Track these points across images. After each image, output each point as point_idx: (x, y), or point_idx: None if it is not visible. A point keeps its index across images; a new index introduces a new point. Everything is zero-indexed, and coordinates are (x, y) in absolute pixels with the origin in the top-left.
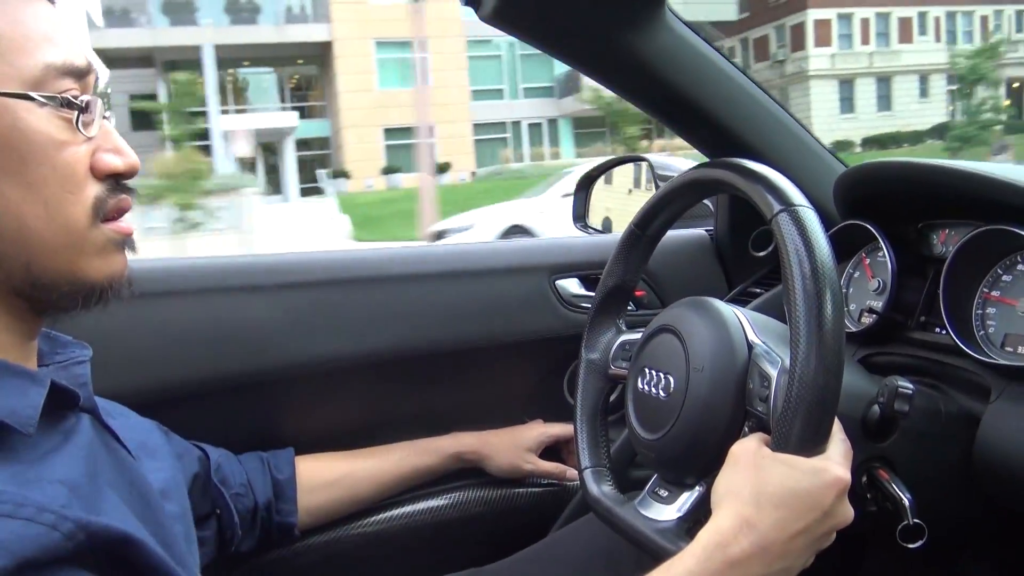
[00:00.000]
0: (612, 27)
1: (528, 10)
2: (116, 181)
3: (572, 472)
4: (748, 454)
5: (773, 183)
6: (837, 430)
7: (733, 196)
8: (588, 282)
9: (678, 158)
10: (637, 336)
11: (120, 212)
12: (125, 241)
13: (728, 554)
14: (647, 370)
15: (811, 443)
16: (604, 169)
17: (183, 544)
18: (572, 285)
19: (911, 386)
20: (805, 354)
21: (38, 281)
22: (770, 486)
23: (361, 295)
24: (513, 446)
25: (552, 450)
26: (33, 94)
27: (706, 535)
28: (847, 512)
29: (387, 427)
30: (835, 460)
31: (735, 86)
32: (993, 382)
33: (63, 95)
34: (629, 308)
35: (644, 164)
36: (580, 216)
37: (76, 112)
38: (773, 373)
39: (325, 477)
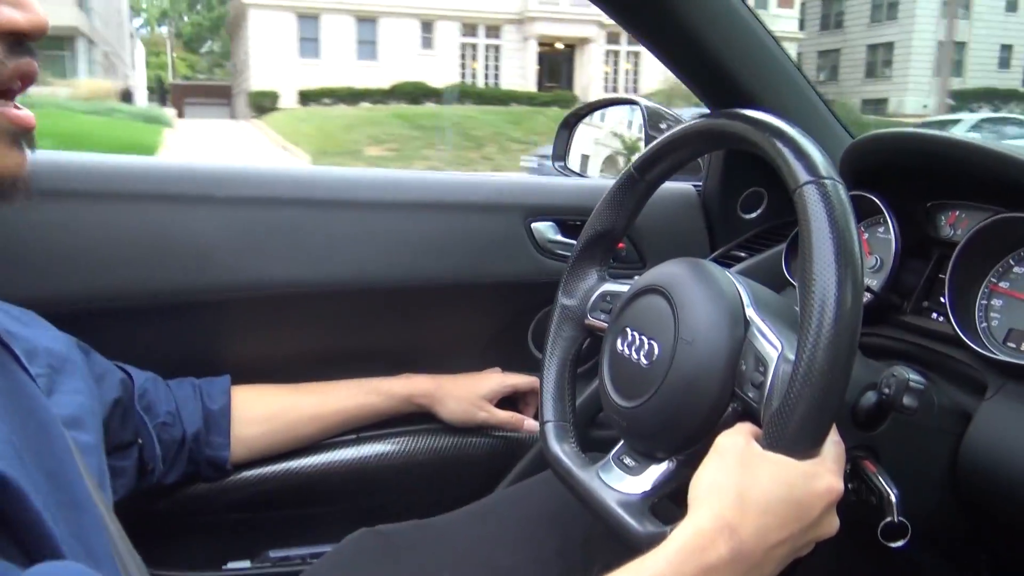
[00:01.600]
0: None
1: None
2: (16, 42)
3: (531, 423)
4: (737, 449)
5: (804, 149)
6: (834, 431)
7: (729, 152)
8: (566, 227)
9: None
10: (620, 288)
11: (24, 79)
12: (22, 135)
13: (704, 559)
14: (629, 331)
15: (807, 445)
16: (591, 109)
17: (92, 478)
18: (548, 229)
19: (923, 381)
20: (814, 347)
21: None
22: (757, 489)
23: (322, 218)
24: (469, 393)
25: (509, 401)
26: None
27: (683, 536)
28: (833, 524)
29: (336, 363)
30: (829, 466)
31: (750, 33)
32: (990, 378)
33: None
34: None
35: (636, 107)
36: (560, 156)
37: None
38: (771, 358)
39: (262, 410)
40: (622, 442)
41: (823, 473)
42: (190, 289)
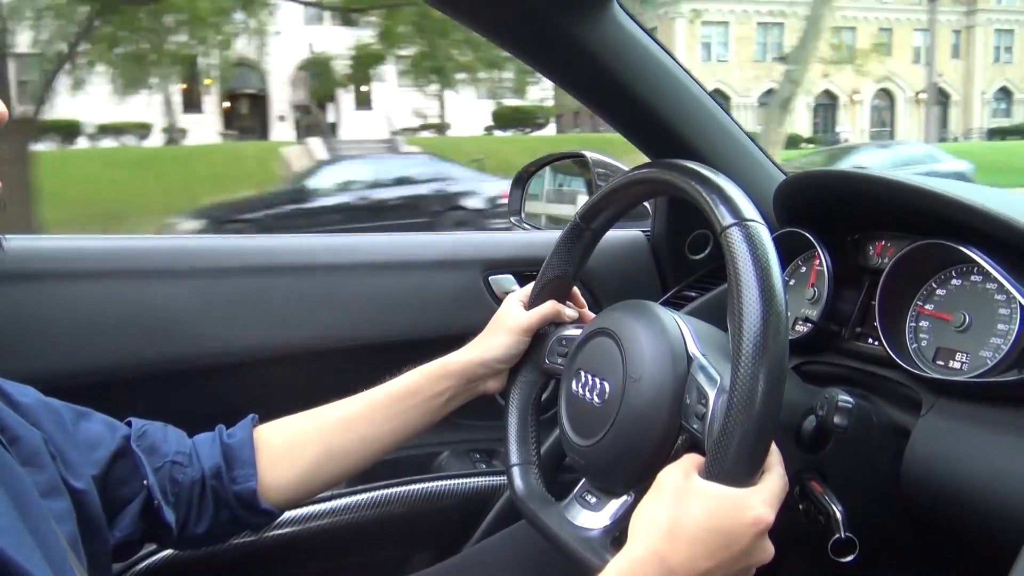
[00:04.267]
0: (558, 16)
1: None
2: None
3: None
4: (672, 483)
5: (727, 193)
6: (776, 462)
7: (673, 198)
8: (523, 279)
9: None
10: (574, 333)
11: None
12: None
13: None
14: (583, 373)
15: (744, 472)
16: (542, 164)
17: (67, 544)
18: (506, 282)
19: (851, 400)
20: (745, 379)
21: None
22: (687, 519)
23: (285, 284)
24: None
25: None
26: None
27: (617, 565)
28: (766, 551)
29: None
30: (761, 496)
31: (680, 86)
32: (924, 396)
33: None
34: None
35: (581, 159)
36: (515, 211)
37: None
38: (711, 391)
39: (288, 436)
40: (584, 480)
41: (754, 504)
42: (162, 359)
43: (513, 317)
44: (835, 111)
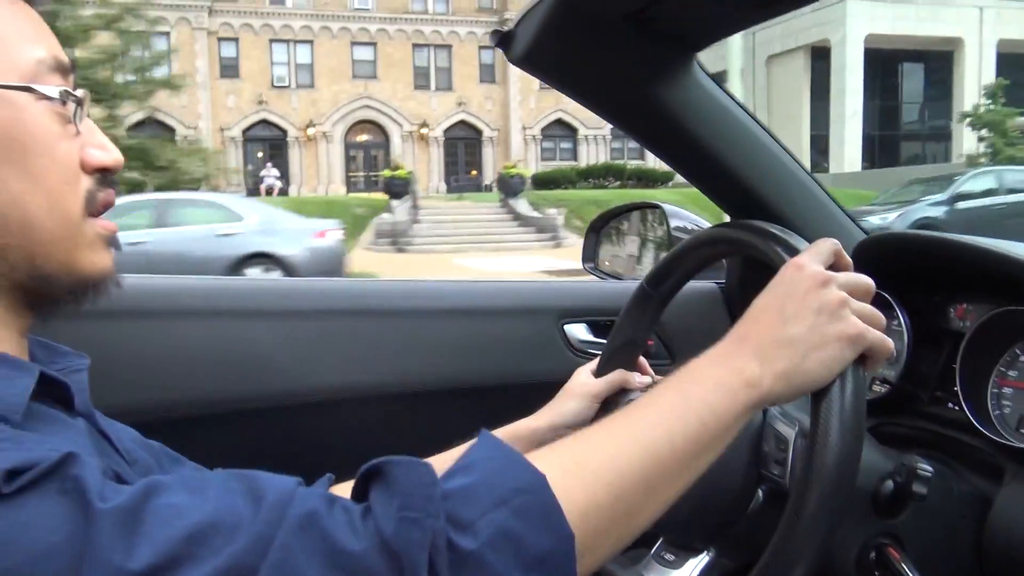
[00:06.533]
0: (641, 78)
1: (558, 57)
2: (102, 176)
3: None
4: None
5: (791, 243)
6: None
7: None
8: (598, 328)
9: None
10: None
11: (106, 207)
12: (110, 238)
13: (731, 365)
14: None
15: (828, 509)
16: (616, 213)
17: None
18: (580, 331)
19: (930, 468)
20: (827, 414)
21: (39, 273)
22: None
23: (368, 326)
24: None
25: None
26: (35, 86)
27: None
28: (852, 323)
29: None
30: (808, 254)
31: (759, 144)
32: (1007, 464)
33: (61, 89)
34: None
35: (657, 211)
36: (589, 259)
37: (74, 106)
38: (790, 435)
39: None
40: (660, 538)
41: (800, 261)
42: (251, 397)
43: (583, 384)
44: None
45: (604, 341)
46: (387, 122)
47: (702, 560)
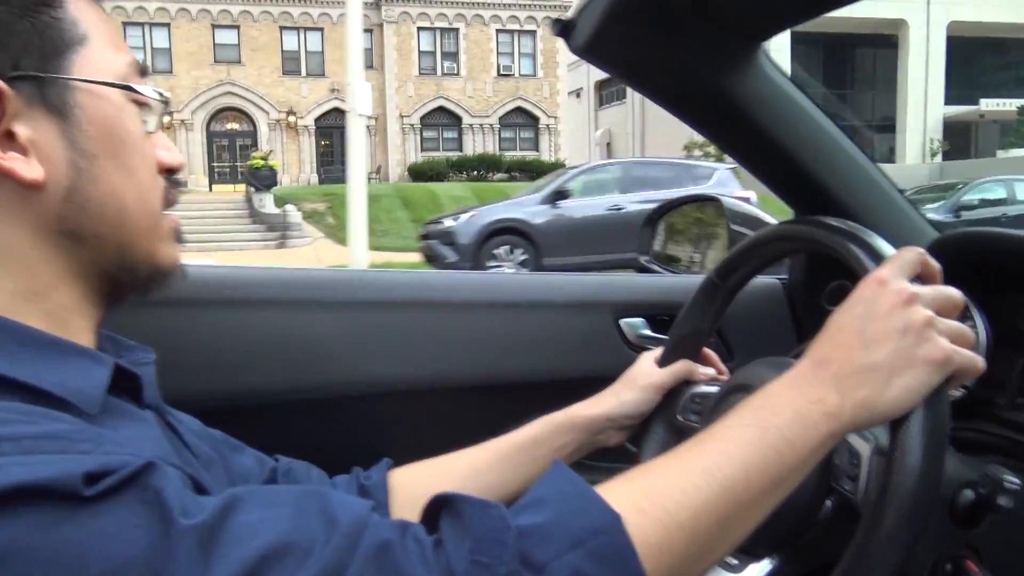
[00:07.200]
0: (705, 68)
1: (621, 46)
2: (169, 175)
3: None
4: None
5: (878, 250)
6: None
7: None
8: (654, 323)
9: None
10: (708, 390)
11: (172, 204)
12: (177, 231)
13: (810, 395)
14: None
15: (904, 535)
16: (674, 205)
17: None
18: (638, 325)
19: (1018, 481)
20: (906, 437)
21: (126, 263)
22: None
23: (424, 318)
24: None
25: None
26: (135, 86)
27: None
28: (938, 345)
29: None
30: (890, 267)
31: (828, 138)
32: None
33: (158, 91)
34: None
35: (716, 204)
36: (644, 251)
37: (163, 106)
38: (864, 451)
39: (421, 482)
40: None
41: (882, 276)
42: (304, 387)
43: (645, 374)
44: None
45: (661, 336)
46: (253, 109)
47: (764, 567)
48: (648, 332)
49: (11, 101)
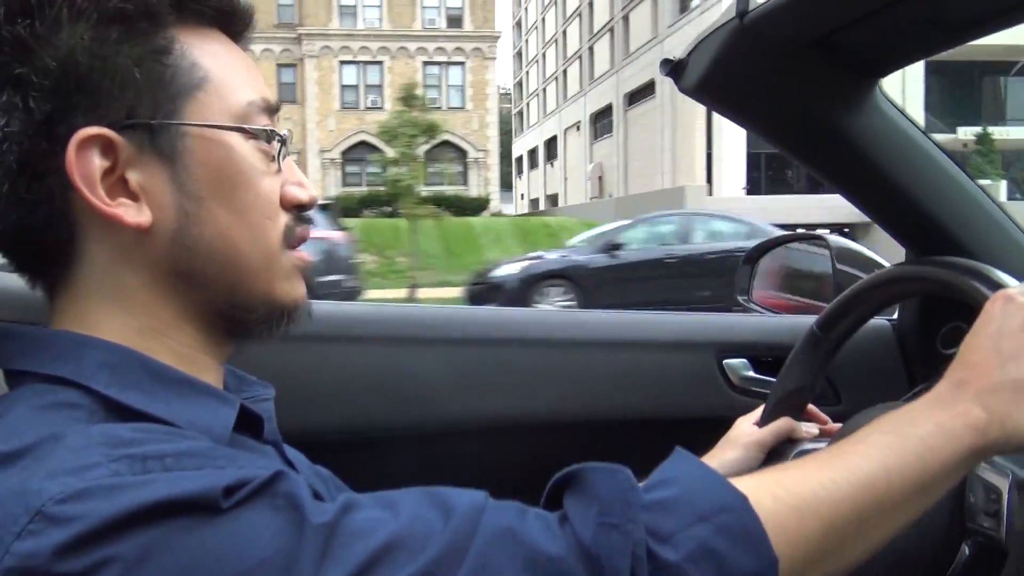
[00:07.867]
0: (821, 105)
1: (734, 85)
2: (299, 212)
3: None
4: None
5: (1000, 282)
6: None
7: None
8: (758, 364)
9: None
10: (817, 446)
11: (301, 241)
12: (304, 268)
13: (952, 409)
14: None
15: None
16: (775, 244)
17: None
18: (741, 367)
19: None
20: None
21: (240, 302)
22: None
23: (525, 356)
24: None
25: None
26: (246, 127)
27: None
28: None
29: (536, 494)
30: (1015, 288)
31: (946, 176)
32: None
33: (268, 129)
34: None
35: (823, 243)
36: (743, 291)
37: (279, 145)
38: (1003, 486)
39: None
40: None
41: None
42: (412, 423)
43: (746, 433)
44: None
45: (765, 378)
46: None
47: None
48: (752, 374)
49: (123, 149)
